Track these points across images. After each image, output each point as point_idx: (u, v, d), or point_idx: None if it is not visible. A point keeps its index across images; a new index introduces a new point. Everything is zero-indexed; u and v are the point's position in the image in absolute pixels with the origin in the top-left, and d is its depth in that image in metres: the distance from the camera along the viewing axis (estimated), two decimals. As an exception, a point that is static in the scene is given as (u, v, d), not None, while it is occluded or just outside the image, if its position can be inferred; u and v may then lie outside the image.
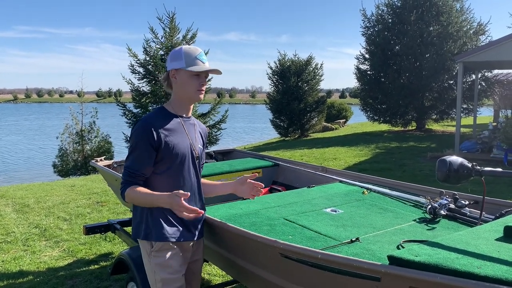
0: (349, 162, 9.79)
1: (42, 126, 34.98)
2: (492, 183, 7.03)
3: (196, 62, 2.07)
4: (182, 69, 2.06)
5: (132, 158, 2.05)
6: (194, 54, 2.07)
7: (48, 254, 4.61)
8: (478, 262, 1.40)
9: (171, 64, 2.10)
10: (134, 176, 2.05)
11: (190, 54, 2.07)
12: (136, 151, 2.04)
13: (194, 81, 2.08)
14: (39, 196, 7.45)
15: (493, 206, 2.31)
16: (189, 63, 2.05)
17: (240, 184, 2.30)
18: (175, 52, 2.11)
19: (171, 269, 2.08)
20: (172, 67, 2.09)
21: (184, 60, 2.05)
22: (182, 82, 2.09)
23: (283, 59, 18.46)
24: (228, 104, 38.00)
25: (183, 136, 2.12)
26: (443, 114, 16.44)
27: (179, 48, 2.11)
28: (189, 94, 2.11)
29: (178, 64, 2.06)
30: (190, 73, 2.06)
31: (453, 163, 1.85)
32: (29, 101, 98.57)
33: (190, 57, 2.06)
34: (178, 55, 2.08)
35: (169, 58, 2.12)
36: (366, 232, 2.11)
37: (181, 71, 2.07)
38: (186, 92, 2.11)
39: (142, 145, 2.02)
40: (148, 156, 2.03)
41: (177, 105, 2.16)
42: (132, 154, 2.06)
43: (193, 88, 2.09)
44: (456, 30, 14.99)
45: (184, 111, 2.17)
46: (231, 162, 4.08)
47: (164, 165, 2.07)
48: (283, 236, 2.09)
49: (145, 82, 13.35)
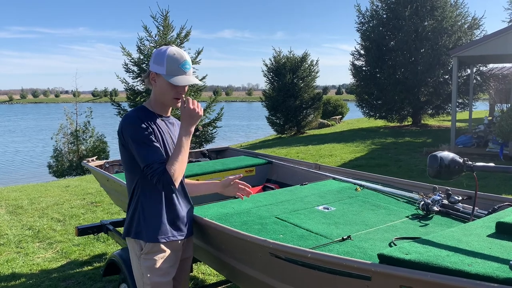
0: (345, 159, 9.77)
1: (37, 126, 34.82)
2: (487, 178, 7.03)
3: (178, 71, 1.98)
4: (161, 76, 1.99)
5: (151, 150, 1.95)
6: (177, 62, 1.98)
7: (42, 256, 4.57)
8: (469, 260, 1.37)
9: (153, 65, 2.02)
10: (160, 163, 1.95)
11: (173, 62, 1.97)
12: (146, 141, 1.96)
13: (171, 89, 2.01)
14: (33, 197, 7.40)
15: (486, 201, 2.29)
16: (170, 72, 1.97)
17: (225, 186, 2.27)
18: (159, 54, 2.00)
19: (161, 272, 2.04)
20: (153, 70, 2.02)
21: (166, 67, 1.97)
22: (160, 87, 2.02)
23: (278, 56, 18.40)
24: (224, 102, 37.98)
25: (166, 134, 2.09)
26: (439, 109, 16.48)
27: (164, 49, 2.00)
28: (166, 101, 2.06)
29: (159, 69, 1.98)
30: (169, 82, 1.98)
31: (444, 159, 1.82)
32: (25, 101, 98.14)
33: (173, 65, 1.97)
34: (160, 59, 1.98)
35: (153, 57, 2.04)
36: (358, 229, 2.08)
37: (161, 77, 2.00)
38: (163, 97, 2.05)
39: (145, 133, 1.96)
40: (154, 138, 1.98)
41: (155, 105, 2.11)
42: (143, 147, 1.95)
43: (170, 96, 2.04)
44: (450, 25, 15.00)
45: (163, 111, 2.13)
46: (224, 160, 4.05)
47: None
48: (274, 235, 2.06)
49: (139, 81, 13.29)
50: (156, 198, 2.06)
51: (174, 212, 2.10)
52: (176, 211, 2.11)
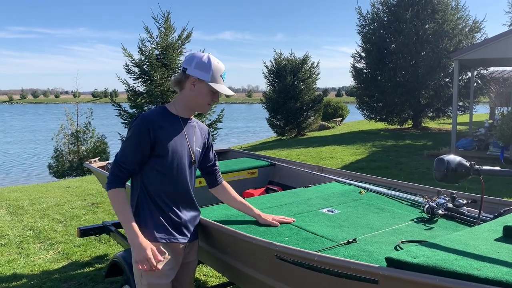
0: (345, 161, 9.77)
1: (37, 127, 34.82)
2: (488, 181, 7.02)
3: (219, 79, 2.08)
4: (204, 82, 2.05)
5: (125, 151, 2.03)
6: (220, 71, 2.09)
7: (43, 257, 4.56)
8: (478, 264, 1.37)
9: (195, 71, 2.05)
10: (122, 169, 2.01)
11: (217, 70, 2.07)
12: (130, 144, 2.01)
13: (209, 96, 2.09)
14: (34, 198, 7.38)
15: (491, 205, 2.29)
16: (214, 79, 2.06)
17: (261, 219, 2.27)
18: (203, 61, 2.05)
19: (159, 273, 2.03)
20: (195, 75, 2.05)
21: (211, 74, 2.05)
22: (199, 93, 2.07)
23: (279, 58, 18.41)
24: (225, 104, 38.01)
25: (181, 138, 2.10)
26: (439, 112, 16.48)
27: (207, 57, 2.07)
28: (200, 106, 2.12)
29: (203, 76, 2.04)
30: (211, 88, 2.05)
31: (451, 162, 1.82)
32: (25, 102, 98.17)
33: (217, 74, 2.07)
34: (207, 66, 2.05)
35: (195, 63, 2.05)
36: (363, 232, 2.07)
37: (203, 83, 2.05)
38: (198, 102, 2.11)
39: (137, 140, 2.00)
40: (140, 152, 2.00)
41: (181, 107, 2.14)
42: (125, 147, 2.04)
43: (206, 102, 2.11)
44: (451, 28, 15.02)
45: (186, 114, 2.15)
46: (226, 162, 4.04)
47: (159, 163, 2.04)
48: (279, 237, 2.06)
49: (140, 82, 13.27)
50: (159, 201, 2.06)
51: (177, 215, 2.10)
52: (178, 215, 2.10)
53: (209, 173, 2.37)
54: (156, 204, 2.06)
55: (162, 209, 2.06)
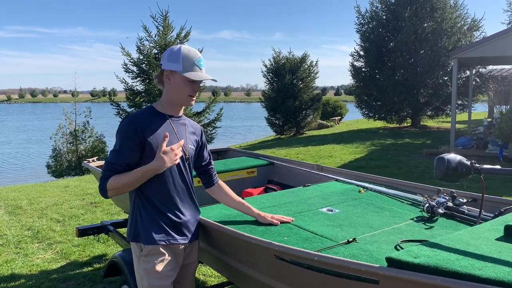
0: (344, 160, 9.76)
1: (31, 126, 34.73)
2: (487, 180, 7.00)
3: (193, 68, 2.00)
4: (177, 73, 2.00)
5: (115, 154, 2.00)
6: (193, 59, 2.00)
7: (41, 257, 4.54)
8: (479, 264, 1.35)
9: (167, 64, 2.02)
10: (113, 170, 1.98)
11: (188, 58, 1.99)
12: (120, 147, 1.99)
13: (187, 87, 2.02)
14: (32, 198, 7.36)
15: (491, 204, 2.28)
16: (186, 68, 1.99)
17: (260, 219, 2.25)
18: (173, 52, 2.02)
19: (159, 275, 2.01)
20: (167, 68, 2.01)
21: (182, 63, 1.98)
22: (176, 85, 2.03)
23: (277, 57, 18.38)
24: (223, 103, 37.94)
25: (171, 136, 2.06)
26: (438, 110, 16.48)
27: (178, 48, 2.02)
28: (181, 99, 2.07)
29: (175, 67, 1.99)
30: (185, 78, 1.99)
31: (451, 161, 1.80)
32: (23, 101, 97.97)
33: (189, 62, 1.99)
34: (176, 56, 1.99)
35: (166, 56, 2.03)
36: (363, 232, 2.06)
37: (176, 75, 2.00)
38: (177, 96, 2.06)
39: (125, 140, 1.98)
40: (129, 152, 1.98)
41: (166, 104, 2.10)
42: (115, 149, 2.01)
43: (186, 93, 2.04)
44: (450, 26, 15.01)
45: (174, 111, 2.12)
46: (225, 161, 4.03)
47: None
48: (279, 237, 2.04)
49: (139, 81, 13.26)
50: (156, 201, 2.04)
51: (175, 216, 2.08)
52: (177, 215, 2.08)
53: (204, 172, 2.33)
54: (153, 206, 2.04)
55: (160, 210, 2.04)
